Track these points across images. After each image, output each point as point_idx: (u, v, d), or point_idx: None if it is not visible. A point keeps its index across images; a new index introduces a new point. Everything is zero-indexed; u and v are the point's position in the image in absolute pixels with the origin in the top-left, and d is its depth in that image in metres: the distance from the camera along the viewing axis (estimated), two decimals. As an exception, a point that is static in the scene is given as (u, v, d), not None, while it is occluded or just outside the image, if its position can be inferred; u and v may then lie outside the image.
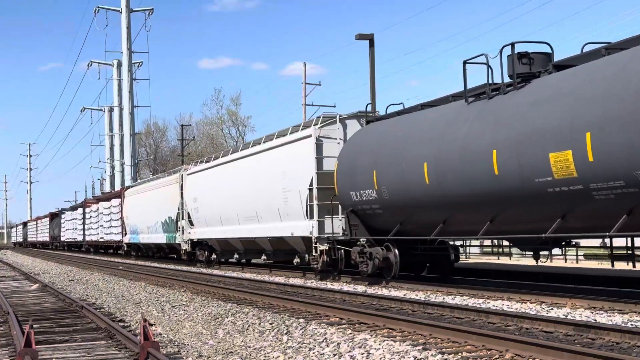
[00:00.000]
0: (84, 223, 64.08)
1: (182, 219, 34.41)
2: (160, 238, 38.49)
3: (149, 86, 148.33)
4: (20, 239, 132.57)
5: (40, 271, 34.49)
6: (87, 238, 62.41)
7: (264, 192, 24.80)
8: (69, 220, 73.59)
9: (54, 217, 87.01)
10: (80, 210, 66.91)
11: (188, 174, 34.13)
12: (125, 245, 48.18)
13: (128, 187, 49.62)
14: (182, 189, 34.68)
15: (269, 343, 10.88)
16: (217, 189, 29.79)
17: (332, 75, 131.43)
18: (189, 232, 33.63)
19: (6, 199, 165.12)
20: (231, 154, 29.66)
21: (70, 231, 72.55)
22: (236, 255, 30.66)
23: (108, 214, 53.32)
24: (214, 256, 32.16)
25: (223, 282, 22.60)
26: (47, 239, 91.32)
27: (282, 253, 26.14)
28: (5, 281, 27.21)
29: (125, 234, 47.34)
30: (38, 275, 30.68)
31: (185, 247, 34.48)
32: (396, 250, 18.24)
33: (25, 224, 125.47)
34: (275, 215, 24.13)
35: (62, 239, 77.35)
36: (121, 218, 48.45)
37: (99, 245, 59.44)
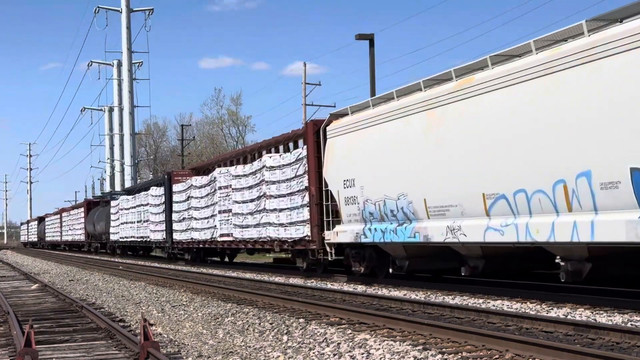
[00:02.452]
0: (168, 210, 36.87)
1: None
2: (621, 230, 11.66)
3: (149, 86, 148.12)
4: (33, 238, 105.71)
5: (40, 271, 34.48)
6: (182, 237, 34.90)
7: None
8: (128, 209, 46.36)
9: (93, 206, 62.60)
10: (156, 190, 39.57)
11: None
12: (331, 249, 21.06)
13: (339, 115, 20.81)
14: None
15: (269, 343, 10.89)
16: None
17: (333, 75, 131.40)
18: None
19: (6, 199, 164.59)
20: None
21: (131, 226, 45.61)
22: None
23: (255, 185, 25.75)
24: None
25: (223, 282, 22.60)
26: (81, 237, 65.21)
27: None
28: (5, 281, 27.21)
29: (338, 223, 20.45)
30: (38, 275, 30.68)
31: None
32: None
33: (41, 219, 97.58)
34: None
35: (115, 237, 50.39)
36: (317, 189, 21.48)
37: (225, 247, 31.38)
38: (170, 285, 22.21)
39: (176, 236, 35.64)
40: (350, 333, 11.06)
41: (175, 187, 35.82)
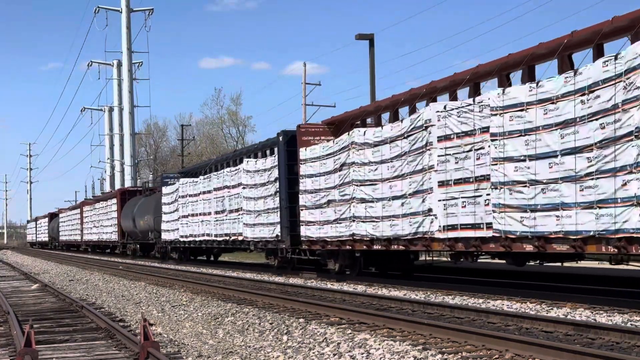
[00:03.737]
0: (285, 190, 24.23)
1: None
2: None
3: (149, 86, 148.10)
4: (43, 238, 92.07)
5: (40, 271, 34.48)
6: (321, 233, 21.79)
7: None
8: (195, 196, 32.58)
9: (130, 196, 49.09)
10: (258, 163, 26.40)
11: None
12: None
13: None
14: None
15: (269, 343, 10.89)
16: None
17: (333, 75, 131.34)
18: None
19: (6, 199, 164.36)
20: None
21: (203, 219, 31.72)
22: None
23: (594, 116, 12.35)
24: None
25: (223, 282, 22.60)
26: (113, 236, 50.81)
27: None
28: (5, 281, 27.20)
29: None
30: (38, 275, 30.67)
31: None
32: None
33: (54, 216, 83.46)
34: None
35: (170, 236, 36.30)
36: None
37: (463, 250, 16.02)
38: (170, 285, 22.20)
39: (307, 231, 22.46)
40: (350, 333, 11.06)
41: (306, 152, 22.59)
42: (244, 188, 26.95)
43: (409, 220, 17.25)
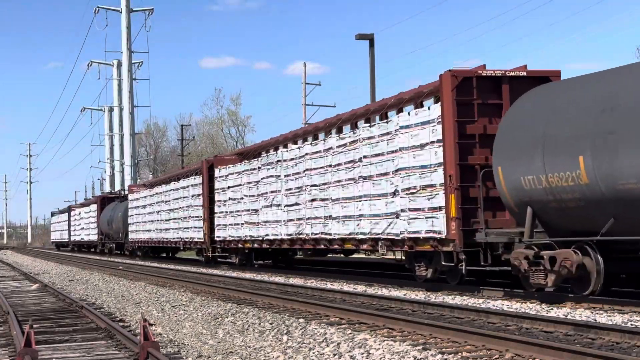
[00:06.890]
0: None
1: None
2: None
3: (149, 86, 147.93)
4: (84, 236, 62.15)
5: (40, 271, 34.48)
6: None
7: None
8: None
9: (464, 94, 15.65)
10: None
11: None
12: None
13: None
14: None
15: (269, 343, 10.89)
16: None
17: (335, 75, 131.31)
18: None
19: (6, 199, 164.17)
20: None
21: None
22: None
23: None
24: None
25: (223, 282, 22.60)
26: (423, 228, 16.22)
27: None
28: (5, 281, 27.20)
29: None
30: (38, 275, 30.67)
31: None
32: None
33: (108, 200, 55.55)
34: None
35: None
36: None
37: None
38: (170, 285, 22.20)
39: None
40: (350, 333, 11.07)
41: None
42: None
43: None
